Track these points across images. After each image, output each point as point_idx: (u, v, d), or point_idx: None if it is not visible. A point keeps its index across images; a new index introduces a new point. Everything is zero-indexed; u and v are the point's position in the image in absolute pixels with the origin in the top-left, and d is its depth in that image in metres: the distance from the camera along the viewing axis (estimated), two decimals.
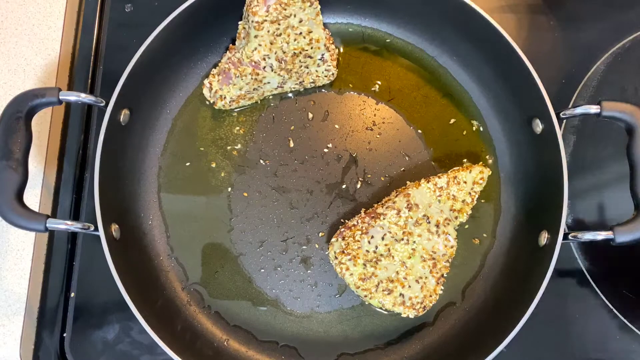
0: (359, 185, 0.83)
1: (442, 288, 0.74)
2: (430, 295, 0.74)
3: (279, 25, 0.75)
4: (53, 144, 0.84)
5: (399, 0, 0.84)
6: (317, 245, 0.80)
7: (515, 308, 0.71)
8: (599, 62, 0.88)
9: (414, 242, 0.74)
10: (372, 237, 0.73)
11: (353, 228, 0.74)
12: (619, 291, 0.81)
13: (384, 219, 0.74)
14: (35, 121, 0.72)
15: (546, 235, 0.74)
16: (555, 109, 0.74)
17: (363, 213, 0.76)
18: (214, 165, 0.83)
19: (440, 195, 0.75)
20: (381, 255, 0.73)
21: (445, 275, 0.74)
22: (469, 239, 0.82)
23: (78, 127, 0.85)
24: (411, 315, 0.74)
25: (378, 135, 0.84)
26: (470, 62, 0.86)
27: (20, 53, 0.87)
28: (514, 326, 0.69)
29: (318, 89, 0.86)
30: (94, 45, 0.88)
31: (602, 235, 0.69)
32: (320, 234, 0.81)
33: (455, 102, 0.86)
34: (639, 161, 0.69)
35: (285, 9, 0.73)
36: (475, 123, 0.85)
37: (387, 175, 0.83)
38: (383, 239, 0.73)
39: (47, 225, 0.67)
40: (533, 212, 0.80)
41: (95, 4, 0.89)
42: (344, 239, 0.74)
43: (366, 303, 0.78)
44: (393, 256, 0.73)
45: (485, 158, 0.84)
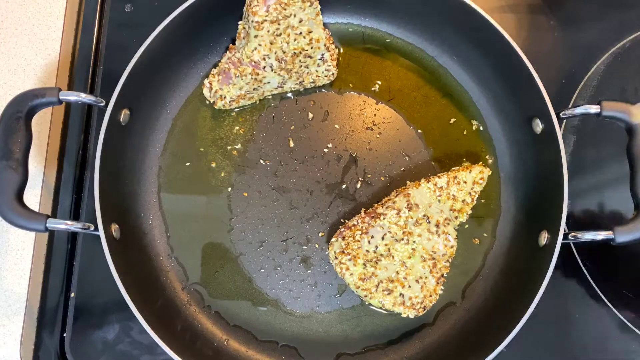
0: (359, 185, 0.83)
1: (442, 288, 0.74)
2: (430, 295, 0.74)
3: (279, 25, 0.75)
4: (53, 144, 0.84)
5: (399, 0, 0.84)
6: (317, 245, 0.80)
7: (515, 308, 0.71)
8: (599, 62, 0.88)
9: (414, 242, 0.74)
10: (372, 237, 0.73)
11: (353, 228, 0.74)
12: (619, 291, 0.80)
13: (384, 219, 0.74)
14: (35, 121, 0.72)
15: (546, 235, 0.74)
16: (555, 109, 0.74)
17: (363, 213, 0.76)
18: (214, 165, 0.83)
19: (440, 195, 0.75)
20: (381, 255, 0.73)
21: (445, 275, 0.74)
22: (469, 239, 0.82)
23: (78, 127, 0.85)
24: (411, 315, 0.74)
25: (378, 135, 0.84)
26: (470, 62, 0.86)
27: (20, 53, 0.87)
28: (514, 326, 0.69)
29: (318, 89, 0.86)
30: (94, 45, 0.88)
31: (602, 235, 0.68)
32: (320, 234, 0.81)
33: (455, 102, 0.86)
34: (639, 161, 0.69)
35: (285, 8, 0.73)
36: (475, 123, 0.85)
37: (387, 175, 0.83)
38: (383, 239, 0.73)
39: (47, 225, 0.67)
40: (533, 212, 0.80)
41: (95, 4, 0.89)
42: (344, 239, 0.74)
43: (366, 303, 0.78)
44: (393, 256, 0.73)
45: (485, 158, 0.84)
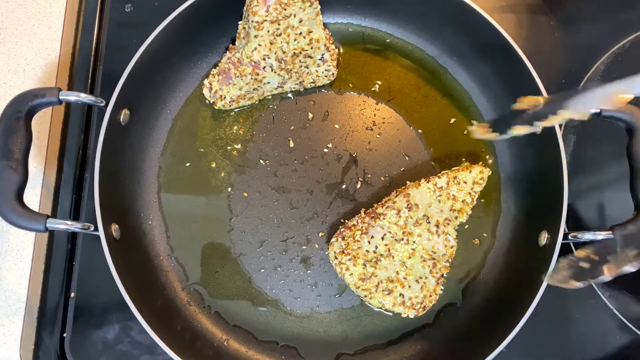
0: (359, 185, 0.83)
1: (442, 288, 0.74)
2: (430, 295, 0.74)
3: (279, 25, 0.75)
4: (53, 144, 0.84)
5: (399, 0, 0.84)
6: (317, 245, 0.80)
7: (516, 308, 0.71)
8: (599, 62, 0.88)
9: (414, 242, 0.74)
10: (372, 237, 0.73)
11: (353, 228, 0.74)
12: (619, 291, 0.80)
13: (384, 219, 0.74)
14: (35, 121, 0.72)
15: (546, 235, 0.74)
16: None
17: (363, 213, 0.76)
18: (214, 165, 0.83)
19: (440, 195, 0.75)
20: (381, 255, 0.73)
21: (445, 275, 0.74)
22: (469, 239, 0.82)
23: (78, 127, 0.85)
24: (411, 315, 0.74)
25: (378, 135, 0.84)
26: (470, 62, 0.86)
27: (20, 53, 0.87)
28: (514, 326, 0.69)
29: (318, 89, 0.86)
30: (94, 45, 0.88)
31: (602, 235, 0.68)
32: (320, 234, 0.81)
33: (455, 102, 0.86)
34: (639, 161, 0.69)
35: (285, 9, 0.73)
36: (475, 123, 0.85)
37: (387, 175, 0.83)
38: (383, 239, 0.73)
39: (47, 225, 0.67)
40: (533, 212, 0.80)
41: (95, 4, 0.89)
42: (344, 239, 0.74)
43: (366, 303, 0.78)
44: (393, 256, 0.73)
45: (485, 158, 0.84)
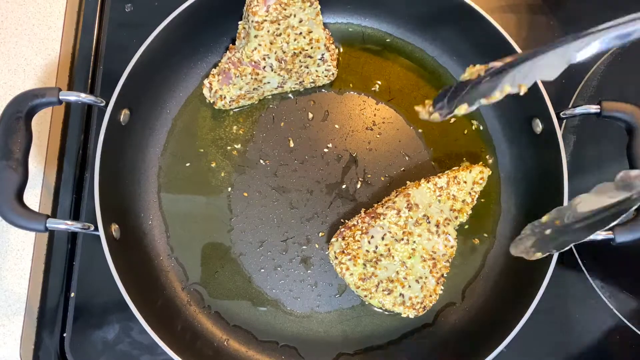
0: (359, 185, 0.83)
1: (442, 288, 0.74)
2: (430, 295, 0.74)
3: (279, 25, 0.75)
4: (53, 144, 0.84)
5: (399, 0, 0.84)
6: (317, 245, 0.80)
7: (515, 308, 0.71)
8: (599, 62, 0.88)
9: (414, 242, 0.74)
10: (372, 237, 0.73)
11: (353, 228, 0.74)
12: (619, 291, 0.81)
13: (384, 219, 0.74)
14: (35, 121, 0.72)
15: None
16: (555, 109, 0.74)
17: (363, 213, 0.76)
18: (214, 165, 0.83)
19: (440, 195, 0.75)
20: (381, 255, 0.73)
21: (445, 275, 0.74)
22: (469, 239, 0.82)
23: (78, 127, 0.85)
24: (411, 315, 0.74)
25: (378, 135, 0.84)
26: (470, 62, 0.85)
27: (20, 53, 0.87)
28: (514, 326, 0.69)
29: (318, 89, 0.86)
30: (94, 45, 0.88)
31: (602, 235, 0.68)
32: (320, 234, 0.81)
33: None
34: (639, 161, 0.69)
35: (285, 9, 0.73)
36: (475, 123, 0.85)
37: (387, 175, 0.83)
38: (383, 239, 0.73)
39: (47, 225, 0.67)
40: (533, 212, 0.80)
41: (95, 4, 0.89)
42: (344, 239, 0.74)
43: (366, 303, 0.78)
44: (393, 256, 0.73)
45: (485, 158, 0.84)
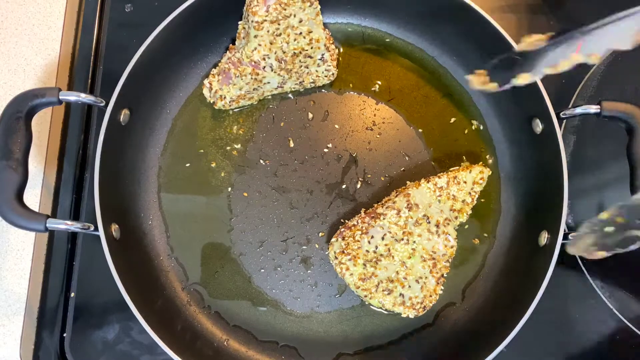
0: (359, 185, 0.83)
1: (442, 288, 0.74)
2: (430, 295, 0.74)
3: (278, 25, 0.75)
4: (53, 144, 0.84)
5: (399, 0, 0.84)
6: (317, 245, 0.80)
7: (516, 308, 0.71)
8: (599, 62, 0.88)
9: (414, 242, 0.74)
10: (372, 237, 0.73)
11: (353, 228, 0.74)
12: (619, 291, 0.80)
13: (384, 219, 0.74)
14: (35, 121, 0.72)
15: (546, 235, 0.74)
16: (555, 109, 0.74)
17: (363, 213, 0.76)
18: (214, 165, 0.83)
19: (440, 195, 0.75)
20: (381, 255, 0.73)
21: (445, 275, 0.74)
22: (469, 239, 0.82)
23: (78, 127, 0.85)
24: (411, 315, 0.74)
25: (378, 135, 0.84)
26: (470, 62, 0.86)
27: (20, 53, 0.87)
28: (514, 326, 0.69)
29: (318, 89, 0.86)
30: (94, 45, 0.88)
31: None
32: (320, 234, 0.81)
33: (455, 102, 0.86)
34: (639, 161, 0.69)
35: (285, 9, 0.73)
36: (475, 123, 0.85)
37: (387, 175, 0.83)
38: (383, 239, 0.73)
39: (47, 225, 0.67)
40: (533, 212, 0.80)
41: (95, 4, 0.89)
42: (344, 239, 0.74)
43: (366, 303, 0.78)
44: (393, 256, 0.73)
45: (485, 158, 0.84)
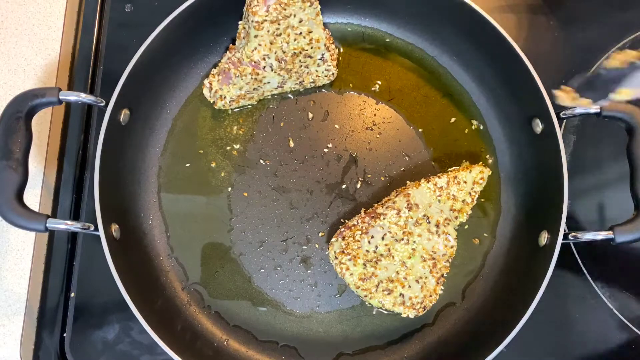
0: (359, 185, 0.83)
1: (442, 288, 0.74)
2: (430, 295, 0.74)
3: (279, 25, 0.75)
4: (53, 144, 0.84)
5: (399, 0, 0.84)
6: (317, 245, 0.80)
7: (515, 308, 0.71)
8: (599, 62, 0.88)
9: (414, 242, 0.74)
10: (372, 237, 0.73)
11: (353, 228, 0.74)
12: (619, 291, 0.81)
13: (384, 219, 0.74)
14: (35, 121, 0.72)
15: (546, 235, 0.74)
16: (555, 109, 0.74)
17: (363, 213, 0.76)
18: (214, 165, 0.83)
19: (440, 195, 0.75)
20: (381, 255, 0.73)
21: (445, 275, 0.74)
22: (469, 239, 0.82)
23: (78, 127, 0.85)
24: (411, 315, 0.74)
25: (378, 135, 0.84)
26: (470, 62, 0.86)
27: (20, 53, 0.87)
28: (514, 326, 0.69)
29: (318, 89, 0.86)
30: (94, 45, 0.88)
31: (602, 235, 0.69)
32: (320, 234, 0.81)
33: (455, 102, 0.86)
34: (639, 161, 0.69)
35: (285, 8, 0.73)
36: (475, 123, 0.85)
37: (387, 175, 0.83)
38: (383, 239, 0.73)
39: (47, 225, 0.67)
40: (533, 212, 0.80)
41: (95, 4, 0.89)
42: (344, 239, 0.74)
43: (366, 303, 0.78)
44: (393, 256, 0.73)
45: (485, 158, 0.84)
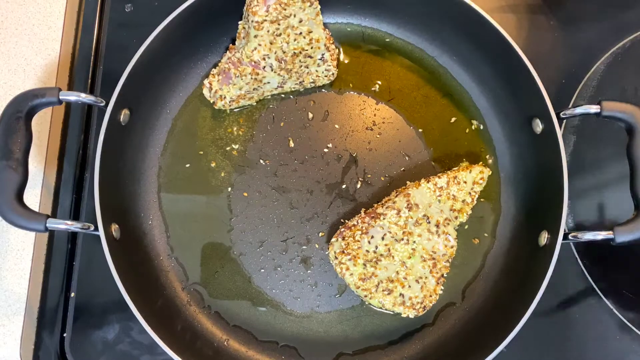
0: (359, 185, 0.83)
1: (442, 288, 0.74)
2: (430, 295, 0.74)
3: (278, 25, 0.75)
4: (53, 144, 0.84)
5: (399, 0, 0.84)
6: (317, 245, 0.80)
7: (515, 308, 0.71)
8: (599, 62, 0.88)
9: (414, 242, 0.74)
10: (372, 237, 0.73)
11: (353, 228, 0.74)
12: (619, 291, 0.80)
13: (384, 219, 0.74)
14: (35, 121, 0.72)
15: (546, 235, 0.74)
16: (555, 109, 0.74)
17: (363, 213, 0.76)
18: (214, 165, 0.83)
19: (440, 195, 0.75)
20: (381, 255, 0.73)
21: (445, 275, 0.74)
22: (469, 239, 0.82)
23: (78, 127, 0.85)
24: (411, 315, 0.74)
25: (378, 135, 0.84)
26: (470, 62, 0.86)
27: (20, 53, 0.87)
28: (514, 326, 0.69)
29: (318, 89, 0.86)
30: (94, 45, 0.88)
31: (602, 235, 0.68)
32: (320, 234, 0.81)
33: (455, 102, 0.86)
34: (639, 161, 0.69)
35: (285, 8, 0.73)
36: (475, 123, 0.85)
37: (387, 175, 0.83)
38: (383, 239, 0.73)
39: (47, 225, 0.67)
40: (533, 212, 0.80)
41: (95, 4, 0.89)
42: (344, 239, 0.74)
43: (366, 303, 0.78)
44: (393, 256, 0.73)
45: (485, 158, 0.84)
